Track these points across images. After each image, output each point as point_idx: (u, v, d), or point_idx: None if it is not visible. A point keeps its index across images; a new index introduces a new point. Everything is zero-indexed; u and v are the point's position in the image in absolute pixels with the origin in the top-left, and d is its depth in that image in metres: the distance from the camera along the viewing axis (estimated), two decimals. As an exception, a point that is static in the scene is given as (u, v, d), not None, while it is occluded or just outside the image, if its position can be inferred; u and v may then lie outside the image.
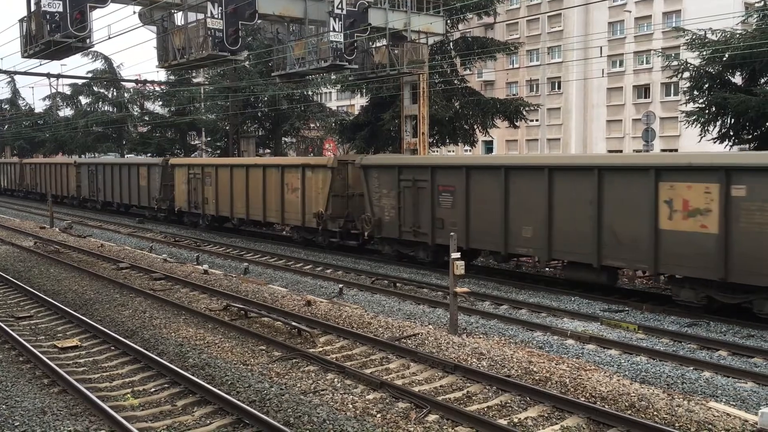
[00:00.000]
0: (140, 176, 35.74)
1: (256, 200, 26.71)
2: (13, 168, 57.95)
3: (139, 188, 35.72)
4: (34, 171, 51.58)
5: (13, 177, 57.04)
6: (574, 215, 15.92)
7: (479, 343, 11.90)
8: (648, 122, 28.41)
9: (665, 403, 8.97)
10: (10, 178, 57.27)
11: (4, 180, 59.77)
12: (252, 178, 26.99)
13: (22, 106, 77.34)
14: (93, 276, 18.94)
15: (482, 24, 51.11)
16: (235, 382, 10.07)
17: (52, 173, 47.86)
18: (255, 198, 26.75)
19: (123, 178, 37.45)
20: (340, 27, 21.66)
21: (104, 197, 40.10)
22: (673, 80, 37.52)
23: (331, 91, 62.75)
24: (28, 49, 19.52)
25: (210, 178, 29.41)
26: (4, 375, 10.48)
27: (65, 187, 45.77)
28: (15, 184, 55.66)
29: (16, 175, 55.39)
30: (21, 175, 54.86)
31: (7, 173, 59.74)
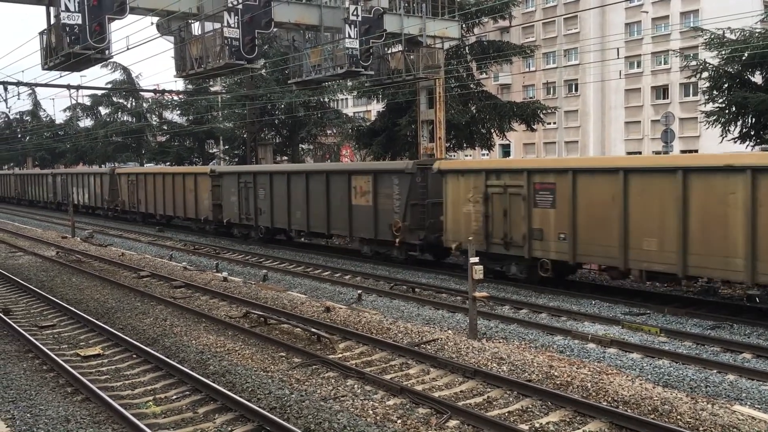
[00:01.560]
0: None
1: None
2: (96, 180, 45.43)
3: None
4: (133, 184, 39.55)
5: (98, 191, 44.66)
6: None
7: (499, 348, 11.84)
8: (667, 123, 28.18)
9: (689, 406, 8.86)
10: (94, 192, 44.95)
11: (85, 195, 46.69)
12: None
13: (43, 117, 78.41)
14: (114, 285, 19.11)
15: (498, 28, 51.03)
16: (255, 389, 10.11)
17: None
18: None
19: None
20: (356, 33, 21.73)
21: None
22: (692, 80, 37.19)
23: (347, 97, 63.00)
24: (48, 62, 19.76)
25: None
26: (28, 384, 10.60)
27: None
28: (102, 200, 43.76)
29: (103, 188, 43.44)
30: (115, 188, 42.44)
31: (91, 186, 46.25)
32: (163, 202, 35.60)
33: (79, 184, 46.44)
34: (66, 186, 48.21)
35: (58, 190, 50.63)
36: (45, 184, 53.58)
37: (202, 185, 31.94)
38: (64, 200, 48.36)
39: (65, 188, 48.42)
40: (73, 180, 47.41)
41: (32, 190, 57.06)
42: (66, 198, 47.43)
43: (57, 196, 50.85)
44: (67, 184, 48.00)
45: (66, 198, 47.43)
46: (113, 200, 41.09)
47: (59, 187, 50.19)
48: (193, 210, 32.90)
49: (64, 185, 48.72)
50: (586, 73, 60.13)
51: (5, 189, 66.34)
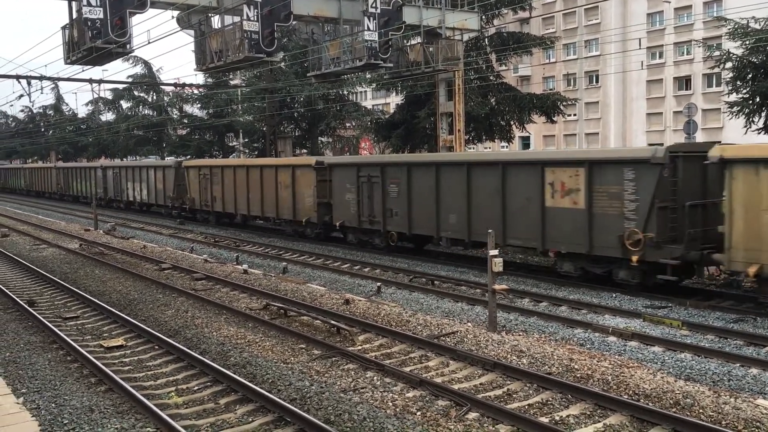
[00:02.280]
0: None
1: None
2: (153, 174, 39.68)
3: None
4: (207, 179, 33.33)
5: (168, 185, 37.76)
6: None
7: (519, 341, 11.81)
8: (690, 114, 27.82)
9: (711, 400, 8.78)
10: (155, 188, 38.92)
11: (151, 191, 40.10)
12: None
13: (65, 111, 79.36)
14: (136, 277, 19.32)
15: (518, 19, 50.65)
16: (275, 380, 10.19)
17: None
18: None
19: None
20: (375, 26, 21.69)
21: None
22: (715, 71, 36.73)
23: (366, 90, 62.94)
24: (70, 56, 19.97)
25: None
26: (53, 374, 10.77)
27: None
28: (165, 197, 37.80)
29: (166, 184, 37.39)
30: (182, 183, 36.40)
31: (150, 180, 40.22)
32: (246, 200, 29.79)
33: (135, 179, 41.30)
34: (119, 181, 43.67)
35: (109, 185, 45.76)
36: (93, 178, 48.38)
37: (302, 180, 26.10)
38: (116, 196, 44.50)
39: (118, 183, 43.93)
40: (128, 174, 42.59)
41: (78, 185, 51.84)
42: (119, 194, 43.83)
43: (108, 192, 46.03)
44: (120, 179, 43.48)
45: (119, 194, 43.83)
46: (179, 197, 35.80)
47: (110, 182, 45.45)
48: (288, 210, 26.93)
49: (117, 180, 44.07)
50: (607, 64, 59.57)
51: (45, 183, 60.82)
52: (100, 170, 47.25)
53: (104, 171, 46.68)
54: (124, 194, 43.34)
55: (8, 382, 10.30)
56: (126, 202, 43.59)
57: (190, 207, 34.98)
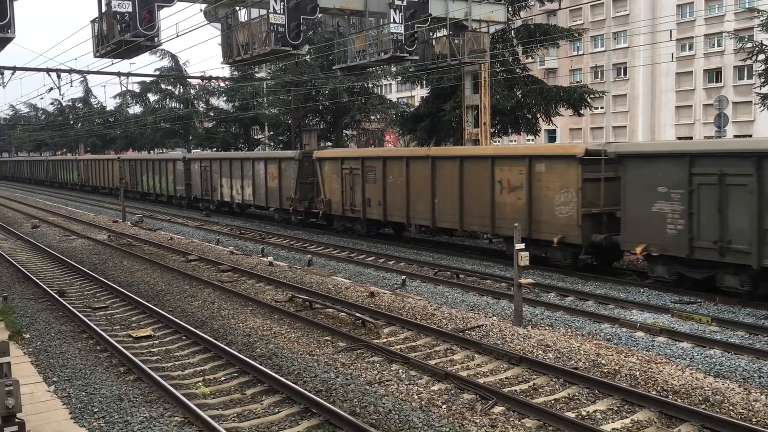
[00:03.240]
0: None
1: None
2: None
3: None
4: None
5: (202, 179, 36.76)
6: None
7: (545, 335, 11.75)
8: (720, 107, 27.36)
9: (741, 397, 8.66)
10: (263, 186, 31.30)
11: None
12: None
13: (94, 104, 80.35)
14: (164, 268, 19.54)
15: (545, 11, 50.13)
16: (301, 371, 10.25)
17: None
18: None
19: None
20: (401, 18, 21.62)
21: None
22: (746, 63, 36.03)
23: (391, 83, 62.85)
24: (99, 49, 20.21)
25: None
26: (83, 363, 10.94)
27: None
28: (280, 198, 30.02)
29: (282, 181, 29.78)
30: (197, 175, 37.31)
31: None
32: (432, 203, 21.51)
33: (235, 174, 33.36)
34: (208, 176, 36.01)
35: (195, 182, 37.89)
36: (171, 172, 40.66)
37: (557, 177, 17.60)
38: (204, 195, 36.94)
39: (207, 179, 36.25)
40: (224, 168, 34.35)
41: (149, 181, 44.45)
42: (207, 192, 36.44)
43: (193, 189, 38.32)
44: (209, 174, 35.86)
45: (207, 192, 36.44)
46: (304, 198, 28.08)
47: (196, 178, 37.73)
48: (530, 218, 18.16)
49: (206, 175, 36.37)
50: (635, 57, 58.71)
51: (104, 178, 53.43)
52: (181, 163, 39.40)
53: (187, 164, 38.87)
54: (215, 193, 35.58)
55: (40, 370, 10.50)
56: (218, 202, 36.02)
57: (325, 211, 26.56)
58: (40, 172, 75.28)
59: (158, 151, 63.97)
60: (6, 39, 16.70)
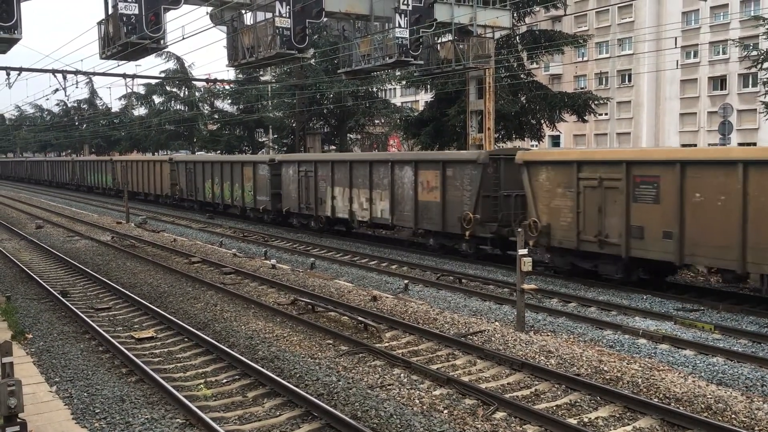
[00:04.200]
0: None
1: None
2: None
3: None
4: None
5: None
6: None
7: (547, 341, 11.73)
8: (725, 115, 27.34)
9: (744, 405, 8.64)
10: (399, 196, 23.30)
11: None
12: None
13: (99, 105, 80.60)
14: (167, 270, 19.56)
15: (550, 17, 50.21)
16: (303, 375, 10.24)
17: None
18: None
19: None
20: (406, 23, 21.66)
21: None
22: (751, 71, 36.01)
23: (395, 87, 62.91)
24: (105, 51, 20.27)
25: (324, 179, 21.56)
26: (85, 364, 10.95)
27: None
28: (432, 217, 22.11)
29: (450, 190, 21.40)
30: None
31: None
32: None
33: (354, 182, 24.90)
34: (311, 183, 27.09)
35: (288, 190, 28.69)
36: (251, 178, 31.23)
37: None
38: (304, 209, 27.70)
39: (309, 187, 27.28)
40: (339, 173, 25.75)
41: (216, 188, 34.78)
42: (308, 206, 27.42)
43: (285, 201, 28.97)
44: (314, 181, 26.90)
45: (308, 206, 27.42)
46: (491, 219, 19.87)
47: (291, 185, 28.50)
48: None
49: (307, 182, 27.37)
50: (640, 63, 58.69)
51: (150, 183, 43.80)
52: (266, 167, 30.05)
53: (276, 167, 29.51)
54: (323, 207, 26.57)
55: (42, 370, 10.52)
56: (325, 219, 27.03)
57: (537, 243, 18.02)
58: (63, 175, 65.41)
59: (162, 153, 64.05)
60: (13, 40, 16.77)
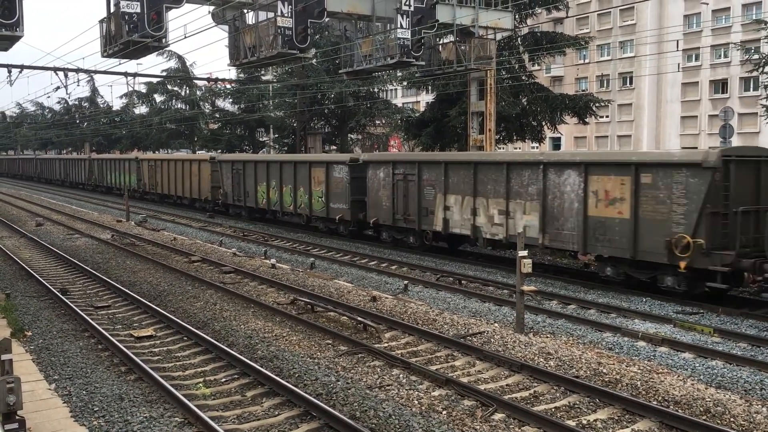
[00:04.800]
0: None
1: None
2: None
3: None
4: None
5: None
6: None
7: (546, 343, 11.73)
8: (726, 118, 27.31)
9: (743, 409, 8.63)
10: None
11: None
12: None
13: (100, 104, 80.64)
14: (166, 268, 19.56)
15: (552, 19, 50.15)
16: (302, 374, 10.24)
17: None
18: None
19: None
20: (408, 24, 21.67)
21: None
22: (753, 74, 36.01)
23: (396, 88, 62.90)
24: (107, 49, 20.28)
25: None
26: (84, 362, 10.95)
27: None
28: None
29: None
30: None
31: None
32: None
33: (479, 190, 19.71)
34: (412, 189, 21.94)
35: (376, 198, 23.69)
36: (322, 182, 26.46)
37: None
38: (400, 221, 22.65)
39: (408, 194, 22.13)
40: (455, 177, 20.58)
41: (271, 192, 30.02)
42: (405, 217, 22.33)
43: (371, 210, 24.06)
44: (416, 186, 21.78)
45: (405, 217, 22.33)
46: (719, 246, 14.44)
47: (380, 191, 23.48)
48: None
49: (404, 187, 22.33)
50: (641, 66, 58.73)
51: (185, 185, 38.63)
52: (344, 168, 25.14)
53: (359, 169, 24.65)
54: (429, 219, 21.48)
55: (41, 368, 10.52)
56: (432, 235, 21.91)
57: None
58: (77, 174, 60.58)
59: (163, 152, 63.99)
60: (14, 37, 16.78)
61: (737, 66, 51.21)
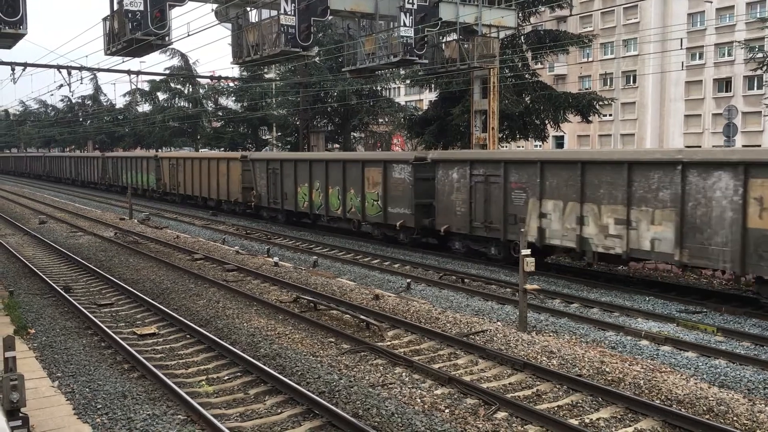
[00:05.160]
0: None
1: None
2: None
3: None
4: None
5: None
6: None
7: (549, 342, 11.72)
8: (730, 117, 27.27)
9: (746, 408, 8.62)
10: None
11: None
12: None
13: (103, 101, 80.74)
14: (169, 266, 19.58)
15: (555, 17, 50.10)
16: (305, 372, 10.25)
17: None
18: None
19: None
20: (411, 22, 21.65)
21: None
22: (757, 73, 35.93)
23: (399, 86, 62.90)
24: (110, 47, 20.29)
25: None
26: (87, 359, 10.97)
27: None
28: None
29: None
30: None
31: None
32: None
33: (585, 193, 16.58)
34: (504, 191, 18.59)
35: (451, 203, 20.41)
36: (381, 183, 22.90)
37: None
38: (486, 229, 19.35)
39: (487, 198, 19.14)
40: (545, 178, 17.57)
41: (319, 195, 26.43)
42: (487, 224, 19.25)
43: (476, 215, 19.65)
44: (505, 188, 18.59)
45: (487, 224, 19.25)
46: None
47: (460, 194, 20.05)
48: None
49: (484, 190, 19.29)
50: (645, 65, 58.62)
51: (212, 185, 35.58)
52: (406, 168, 21.90)
53: (426, 169, 21.37)
54: (534, 230, 17.65)
55: (44, 366, 10.53)
56: (597, 255, 17.06)
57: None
58: (90, 173, 57.45)
59: (166, 150, 64.03)
60: (18, 35, 16.80)
61: (741, 64, 51.11)
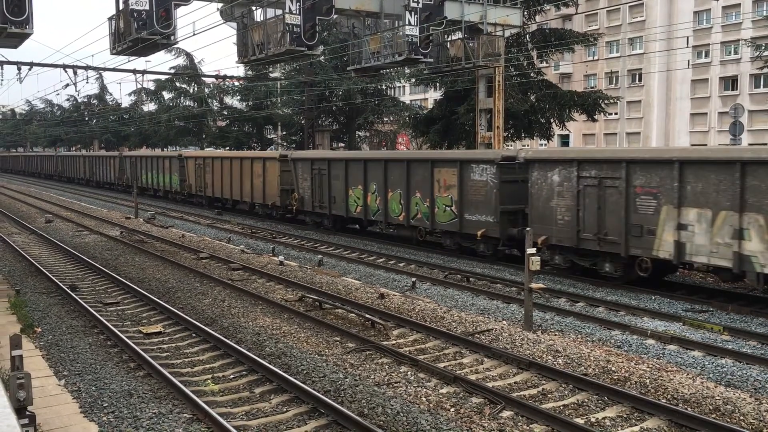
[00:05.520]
0: None
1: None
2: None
3: None
4: None
5: None
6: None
7: (555, 341, 11.70)
8: (736, 115, 27.18)
9: (753, 407, 8.59)
10: None
11: None
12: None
13: (109, 101, 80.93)
14: (175, 265, 19.62)
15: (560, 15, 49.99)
16: (310, 371, 10.25)
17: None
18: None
19: None
20: (416, 20, 21.65)
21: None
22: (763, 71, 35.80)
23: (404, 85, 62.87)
24: (116, 46, 20.35)
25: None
26: (93, 358, 11.00)
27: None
28: None
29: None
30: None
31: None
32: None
33: (744, 201, 13.56)
34: (626, 197, 15.63)
35: (549, 211, 17.46)
36: (456, 185, 20.39)
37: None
38: (601, 242, 16.38)
39: (601, 205, 16.18)
40: (685, 180, 14.57)
41: (375, 199, 23.73)
42: (602, 237, 16.25)
43: (567, 228, 17.05)
44: (627, 193, 15.63)
45: (602, 237, 16.25)
46: None
47: (562, 200, 17.12)
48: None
49: (597, 195, 16.30)
50: (650, 63, 58.44)
51: (247, 187, 32.42)
52: (489, 169, 19.37)
53: (516, 170, 18.86)
54: (670, 245, 14.84)
55: (50, 364, 10.57)
56: (660, 263, 15.64)
57: None
58: (105, 173, 54.71)
59: (171, 149, 64.11)
60: (24, 35, 16.84)
61: (747, 63, 50.91)
